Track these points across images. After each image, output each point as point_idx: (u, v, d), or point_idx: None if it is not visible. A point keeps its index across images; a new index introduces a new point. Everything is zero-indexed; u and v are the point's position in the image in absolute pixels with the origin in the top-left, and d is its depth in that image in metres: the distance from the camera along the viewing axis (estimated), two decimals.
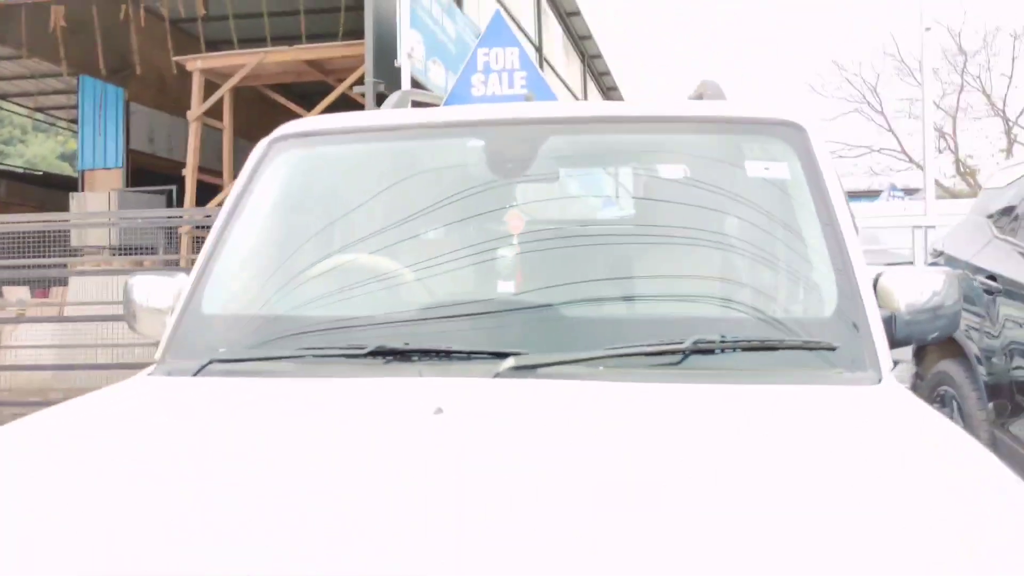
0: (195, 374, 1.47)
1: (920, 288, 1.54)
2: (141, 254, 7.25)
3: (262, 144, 1.91)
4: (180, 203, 9.77)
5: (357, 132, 1.94)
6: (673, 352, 1.35)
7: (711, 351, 1.35)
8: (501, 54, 3.68)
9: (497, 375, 1.34)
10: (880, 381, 1.36)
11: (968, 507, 0.94)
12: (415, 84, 5.47)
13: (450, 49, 6.88)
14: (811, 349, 1.40)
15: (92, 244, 8.92)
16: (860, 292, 1.47)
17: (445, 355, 1.42)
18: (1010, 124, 21.89)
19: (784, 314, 1.54)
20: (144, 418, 1.34)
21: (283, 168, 1.89)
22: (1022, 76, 27.31)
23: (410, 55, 5.18)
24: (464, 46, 7.34)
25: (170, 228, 7.13)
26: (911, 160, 22.92)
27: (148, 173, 12.16)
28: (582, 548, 0.83)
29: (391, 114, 2.06)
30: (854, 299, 1.47)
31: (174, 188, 10.22)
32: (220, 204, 7.97)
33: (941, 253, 3.99)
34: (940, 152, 21.95)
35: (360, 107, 7.09)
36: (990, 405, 3.29)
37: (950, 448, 1.14)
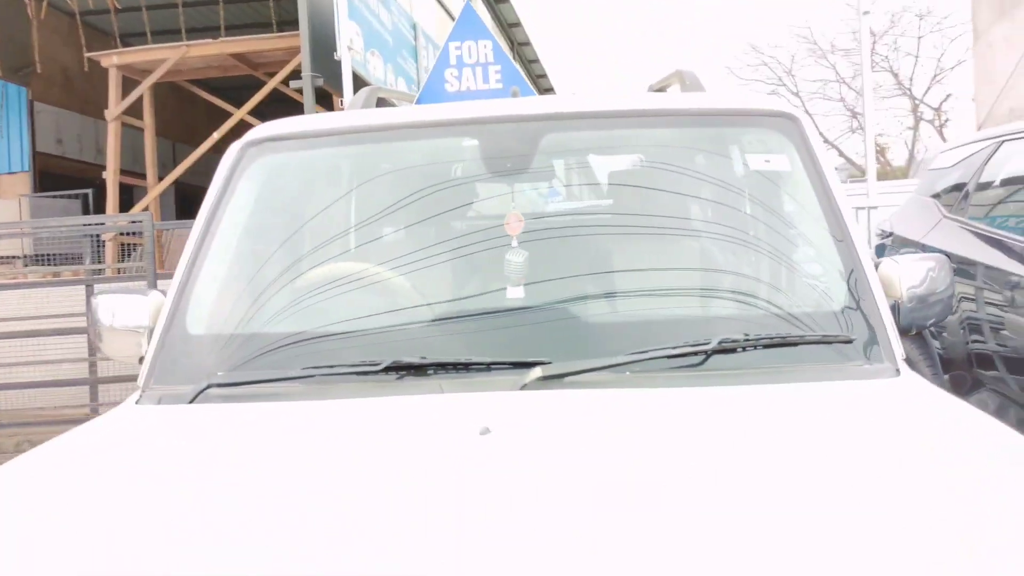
0: (191, 401, 1.36)
1: (919, 275, 1.55)
2: (59, 264, 6.81)
3: (234, 149, 1.78)
4: (98, 208, 9.22)
5: (339, 134, 1.82)
6: (696, 353, 1.33)
7: (733, 350, 1.33)
8: (474, 47, 3.57)
9: (524, 387, 1.29)
10: (899, 373, 1.36)
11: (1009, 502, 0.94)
12: (356, 77, 5.28)
13: (387, 39, 6.68)
14: (829, 343, 1.39)
15: (1, 255, 8.33)
16: (870, 283, 1.48)
17: (463, 368, 1.35)
18: (916, 102, 23.04)
19: (799, 309, 1.54)
20: (148, 455, 1.22)
21: (262, 174, 1.76)
22: (927, 55, 28.82)
23: (350, 47, 4.99)
24: (400, 36, 7.15)
25: (91, 235, 6.71)
26: (826, 140, 23.85)
27: (58, 176, 11.45)
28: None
29: (371, 114, 1.95)
30: (865, 290, 1.47)
31: (91, 192, 9.63)
32: (147, 208, 7.56)
33: (890, 234, 4.12)
34: (853, 131, 22.94)
35: (294, 103, 6.83)
36: (946, 378, 3.41)
37: (988, 441, 1.15)
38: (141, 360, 1.60)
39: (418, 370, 1.35)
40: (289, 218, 1.79)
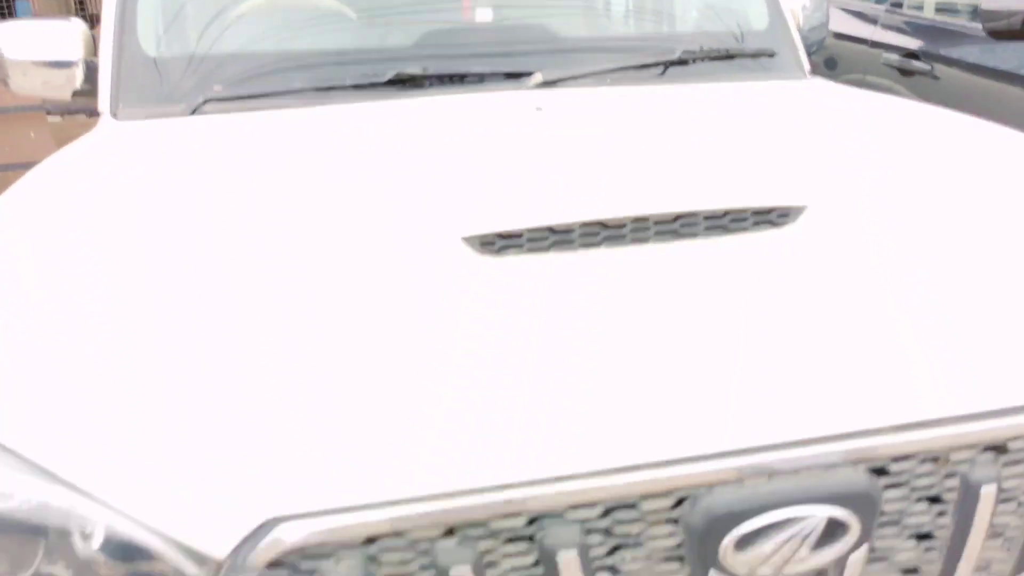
0: (193, 113, 1.35)
1: (810, 6, 1.90)
2: None
3: None
4: None
5: None
6: (658, 64, 1.58)
7: (687, 61, 1.59)
8: None
9: (531, 88, 1.45)
10: (808, 77, 1.75)
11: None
12: None
13: None
14: (758, 56, 1.71)
15: None
16: (784, 12, 1.75)
17: (459, 80, 1.44)
18: None
19: (735, 29, 1.78)
20: (185, 161, 1.18)
21: None
22: None
23: None
24: None
25: None
26: None
27: None
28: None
29: None
30: (780, 16, 1.75)
31: None
32: None
33: None
34: None
35: None
36: None
37: (880, 103, 1.58)
38: (75, 94, 1.49)
39: (416, 83, 1.41)
40: None
